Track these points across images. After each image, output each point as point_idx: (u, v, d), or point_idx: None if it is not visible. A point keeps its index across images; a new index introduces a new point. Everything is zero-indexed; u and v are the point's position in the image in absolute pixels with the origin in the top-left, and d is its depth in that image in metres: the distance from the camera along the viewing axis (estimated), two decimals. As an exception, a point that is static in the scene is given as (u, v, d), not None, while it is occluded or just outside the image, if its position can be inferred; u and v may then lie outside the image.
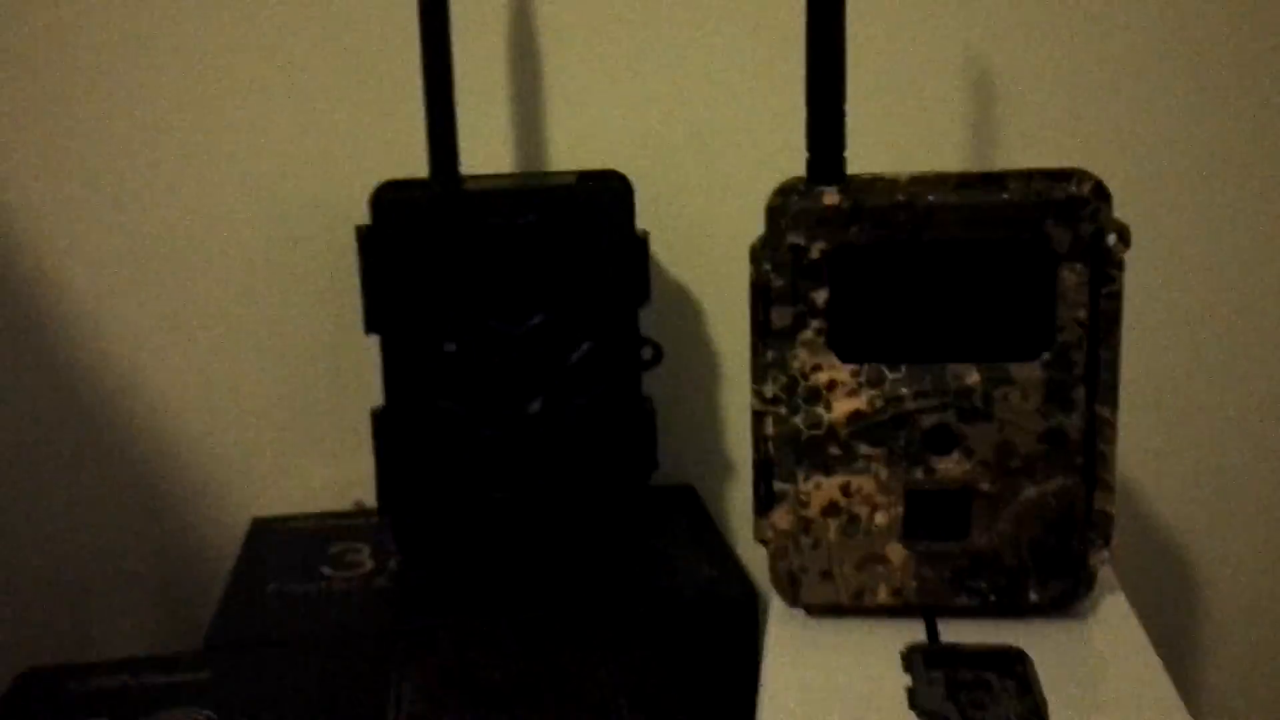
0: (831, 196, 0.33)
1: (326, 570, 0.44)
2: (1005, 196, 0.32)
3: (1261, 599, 0.55)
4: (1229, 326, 0.52)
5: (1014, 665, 0.32)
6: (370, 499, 0.49)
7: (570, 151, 0.49)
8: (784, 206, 0.33)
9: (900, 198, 0.32)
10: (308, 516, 0.49)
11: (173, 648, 0.50)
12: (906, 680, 0.31)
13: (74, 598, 0.51)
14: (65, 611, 0.51)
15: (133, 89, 0.47)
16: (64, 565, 0.50)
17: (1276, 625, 0.55)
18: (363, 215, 0.41)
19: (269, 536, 0.47)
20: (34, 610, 0.50)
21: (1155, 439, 0.53)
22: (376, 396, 0.43)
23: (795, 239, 0.33)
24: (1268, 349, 0.52)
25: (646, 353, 0.43)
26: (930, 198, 0.32)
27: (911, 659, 0.32)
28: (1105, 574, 0.36)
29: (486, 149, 0.48)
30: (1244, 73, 0.49)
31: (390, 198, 0.41)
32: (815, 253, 0.33)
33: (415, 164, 0.47)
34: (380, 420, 0.43)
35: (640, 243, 0.42)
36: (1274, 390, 0.52)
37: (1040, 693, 0.31)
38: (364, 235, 0.41)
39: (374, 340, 0.43)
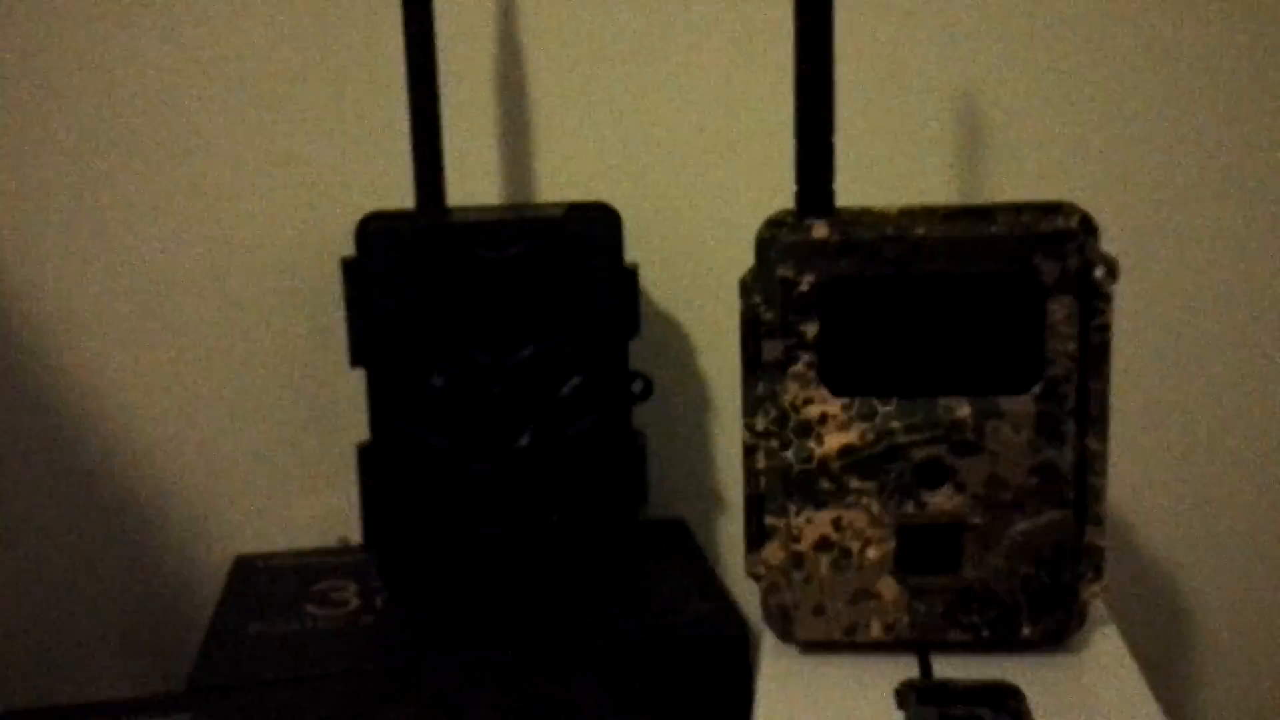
0: (821, 229, 0.33)
1: (311, 608, 0.43)
2: (993, 230, 0.32)
3: (1253, 633, 0.55)
4: (1218, 357, 0.52)
5: (1008, 700, 0.32)
6: (355, 535, 0.48)
7: (558, 183, 0.49)
8: (773, 239, 0.33)
9: (889, 231, 0.33)
10: (291, 554, 0.49)
11: (155, 688, 0.49)
12: (900, 717, 0.31)
13: (54, 637, 0.50)
14: (45, 651, 0.50)
15: (116, 119, 0.47)
16: (44, 603, 0.49)
17: (1267, 658, 0.55)
18: (348, 247, 0.41)
19: (252, 574, 0.46)
20: (12, 650, 0.50)
21: (1145, 471, 0.53)
22: (362, 431, 0.43)
23: (785, 272, 0.33)
24: (1257, 379, 0.52)
25: (636, 386, 0.43)
26: (919, 231, 0.32)
27: (905, 695, 0.32)
28: (1097, 607, 0.36)
29: (473, 180, 0.48)
30: (1232, 105, 0.50)
31: (376, 228, 0.41)
32: (805, 285, 0.33)
33: (402, 196, 0.47)
34: (366, 455, 0.43)
35: (630, 274, 0.42)
36: (1264, 422, 0.52)
37: (1035, 729, 0.30)
38: (349, 266, 0.41)
39: (360, 374, 0.42)
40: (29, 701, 0.37)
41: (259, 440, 0.50)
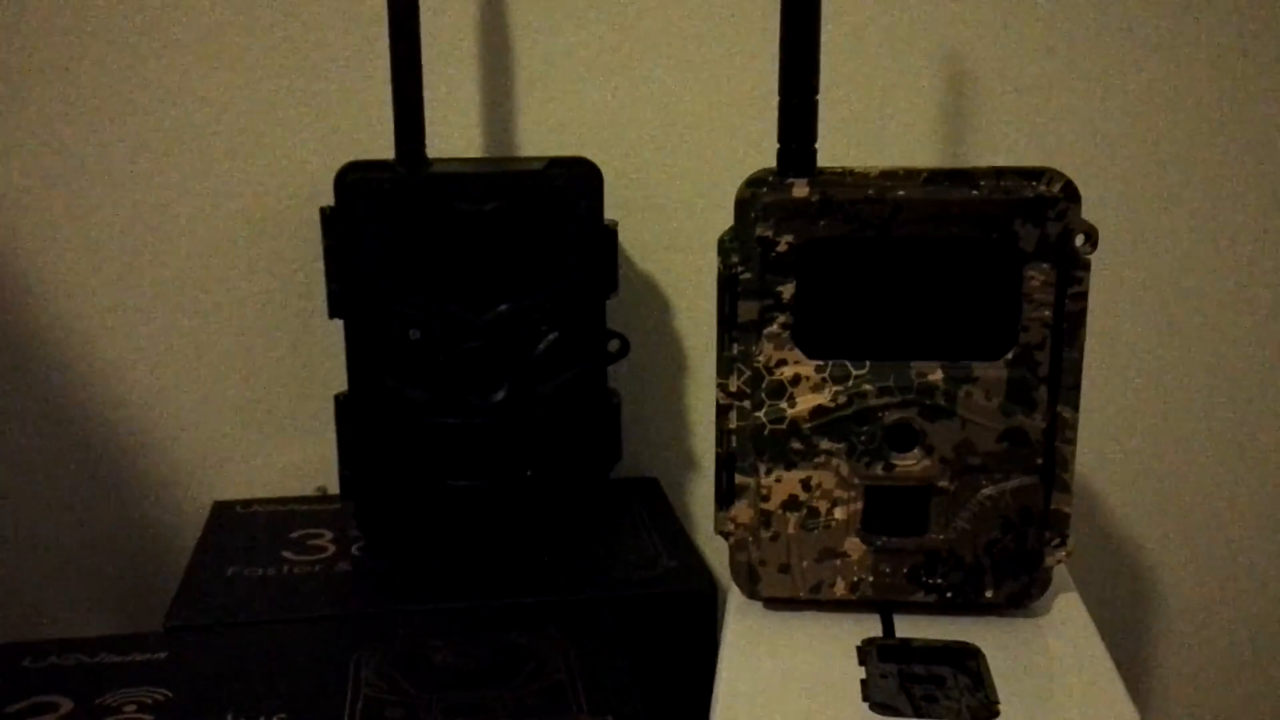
0: (801, 189, 0.33)
1: (287, 554, 0.43)
2: (974, 194, 0.32)
3: (1212, 601, 0.55)
4: (1190, 328, 0.52)
5: (967, 661, 0.32)
6: (334, 484, 0.49)
7: (539, 136, 0.49)
8: (753, 198, 0.33)
9: (870, 192, 0.33)
10: (269, 501, 0.49)
11: (132, 630, 0.50)
12: (861, 673, 0.31)
13: (33, 579, 0.50)
14: (24, 593, 0.50)
15: (93, 69, 0.46)
16: (24, 547, 0.50)
17: (1226, 626, 0.56)
18: (328, 197, 0.41)
19: (230, 520, 0.47)
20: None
21: (1112, 439, 0.53)
22: (340, 381, 0.43)
23: (764, 231, 0.33)
24: (1227, 349, 0.52)
25: (613, 344, 0.43)
26: (900, 193, 0.32)
27: (866, 652, 0.33)
28: (1060, 573, 0.36)
29: (454, 132, 0.48)
30: (1220, 69, 0.50)
31: (354, 179, 0.40)
32: (783, 245, 0.33)
33: (382, 146, 0.46)
34: (343, 406, 0.43)
35: (609, 233, 0.42)
36: (1229, 391, 0.53)
37: (992, 688, 0.31)
38: (328, 217, 0.41)
39: (338, 324, 0.42)
40: (5, 638, 0.37)
41: (239, 390, 0.50)
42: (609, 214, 0.42)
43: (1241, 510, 0.54)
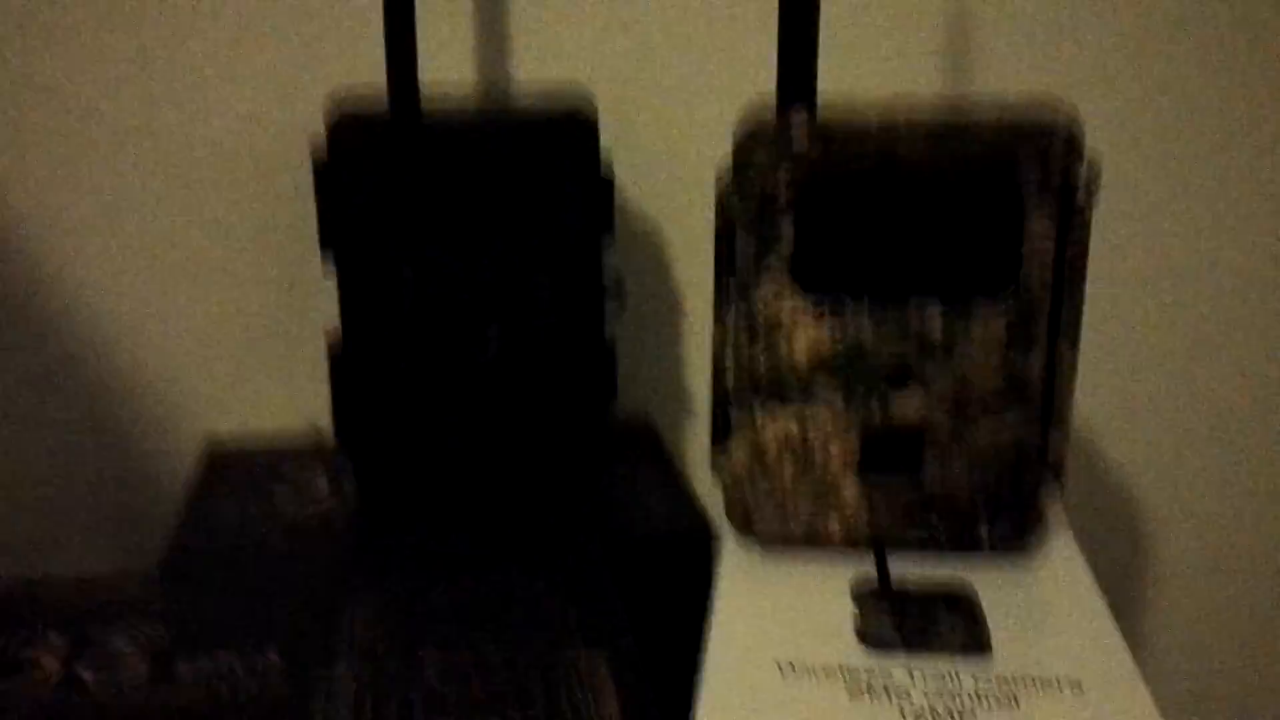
0: (800, 126, 0.32)
1: (280, 493, 0.43)
2: (976, 131, 0.32)
3: (1206, 544, 0.55)
4: (1194, 264, 0.52)
5: (961, 600, 0.32)
6: (327, 422, 0.48)
7: (533, 67, 0.48)
8: (752, 134, 0.32)
9: (870, 128, 0.32)
10: (262, 439, 0.49)
11: (127, 565, 0.50)
12: (854, 611, 0.32)
13: (25, 520, 0.50)
14: (17, 533, 0.50)
15: (85, 4, 0.45)
16: (16, 485, 0.50)
17: (1218, 567, 0.56)
18: (318, 126, 0.40)
19: (223, 458, 0.47)
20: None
21: (1110, 382, 0.53)
22: (333, 315, 0.43)
23: (762, 168, 0.32)
24: (1230, 290, 0.52)
25: (610, 285, 0.43)
26: (901, 129, 0.32)
27: (860, 591, 0.33)
28: (1055, 514, 0.36)
29: (447, 58, 0.47)
30: (1232, 7, 0.49)
31: (348, 128, 0.40)
32: (782, 183, 0.32)
33: (373, 70, 0.45)
34: (336, 349, 0.42)
35: (605, 183, 0.41)
36: (1228, 335, 0.53)
37: (985, 627, 0.31)
38: (320, 168, 0.40)
39: (330, 258, 0.42)
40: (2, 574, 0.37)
41: (230, 326, 0.49)
42: (604, 139, 0.41)
43: (1241, 454, 0.54)
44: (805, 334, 0.33)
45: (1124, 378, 0.53)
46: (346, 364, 0.42)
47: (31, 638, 0.33)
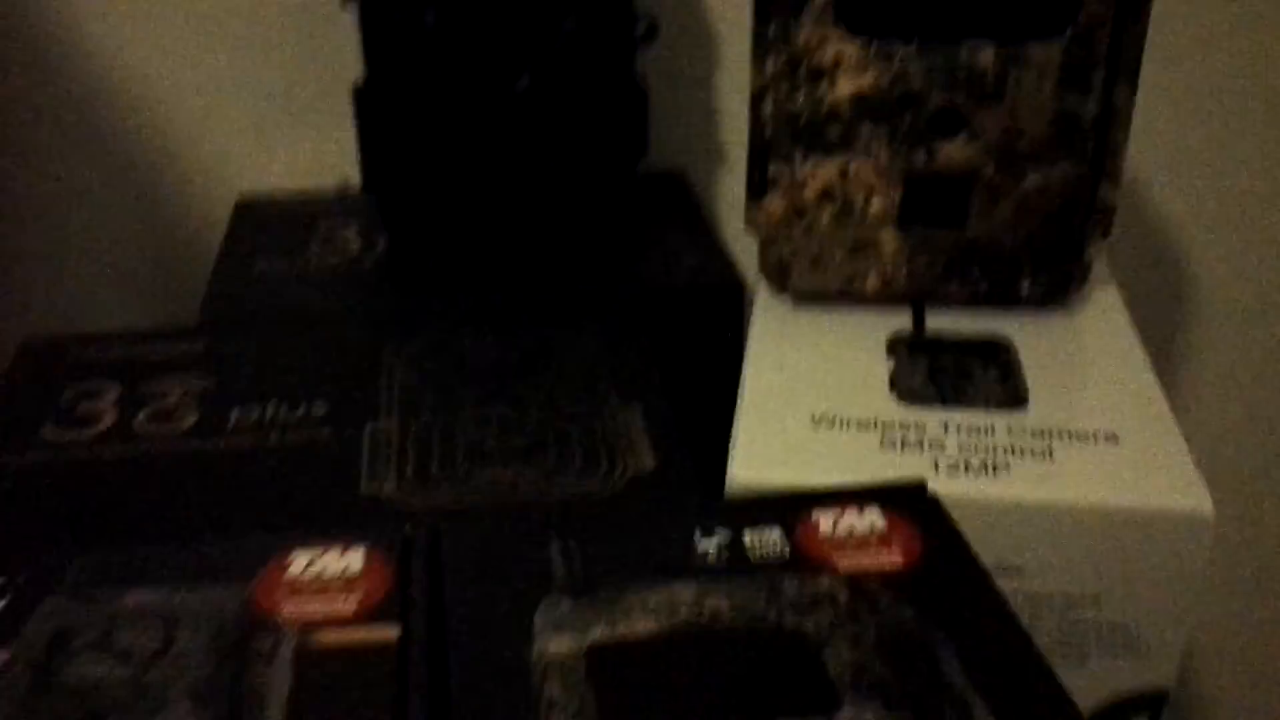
0: None
1: (314, 249, 0.43)
2: None
3: (1253, 297, 0.55)
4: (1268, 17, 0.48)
5: (999, 353, 0.32)
6: (356, 176, 0.48)
7: None
8: None
9: None
10: (293, 194, 0.48)
11: (164, 320, 0.51)
12: (889, 365, 0.31)
13: (62, 280, 0.50)
14: (57, 290, 0.51)
15: None
16: (54, 244, 0.50)
17: (1264, 332, 0.55)
18: None
19: (255, 214, 0.46)
20: (27, 290, 0.50)
21: (1164, 133, 0.51)
22: (359, 70, 0.41)
23: (806, -108, 0.30)
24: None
25: (641, 28, 0.41)
26: None
27: (896, 345, 0.32)
28: (1100, 267, 0.35)
29: None
30: None
31: None
32: (827, -91, 0.30)
33: None
34: (361, 97, 0.41)
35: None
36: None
37: (1022, 379, 0.31)
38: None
39: (355, 9, 0.40)
40: (45, 332, 0.38)
41: (257, 80, 0.48)
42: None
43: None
44: (849, 79, 0.31)
45: (1180, 127, 0.51)
46: (372, 112, 0.41)
47: (87, 388, 0.34)
